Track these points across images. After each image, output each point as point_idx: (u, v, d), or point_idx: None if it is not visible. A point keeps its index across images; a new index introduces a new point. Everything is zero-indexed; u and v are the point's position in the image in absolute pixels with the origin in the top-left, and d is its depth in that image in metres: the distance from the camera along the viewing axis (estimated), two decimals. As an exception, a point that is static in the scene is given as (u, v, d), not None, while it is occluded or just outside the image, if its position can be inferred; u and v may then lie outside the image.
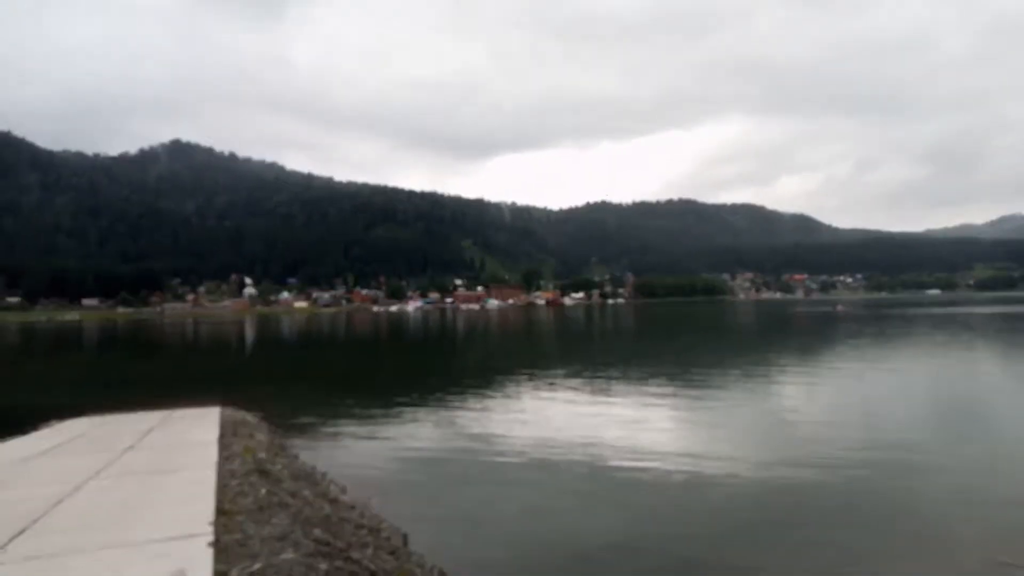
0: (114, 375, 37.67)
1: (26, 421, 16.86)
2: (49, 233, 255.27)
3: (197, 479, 8.83)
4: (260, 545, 5.94)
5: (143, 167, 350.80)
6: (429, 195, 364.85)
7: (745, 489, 10.40)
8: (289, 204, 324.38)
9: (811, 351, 35.40)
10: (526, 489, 10.76)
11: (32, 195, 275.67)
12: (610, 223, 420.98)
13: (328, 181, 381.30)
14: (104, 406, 18.87)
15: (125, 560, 5.48)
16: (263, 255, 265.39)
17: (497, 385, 24.12)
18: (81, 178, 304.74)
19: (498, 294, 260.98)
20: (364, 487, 10.72)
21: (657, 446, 13.27)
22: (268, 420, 16.81)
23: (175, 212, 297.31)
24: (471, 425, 16.25)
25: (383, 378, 30.39)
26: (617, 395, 20.49)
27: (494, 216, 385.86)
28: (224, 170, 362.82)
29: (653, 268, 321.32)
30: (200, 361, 46.84)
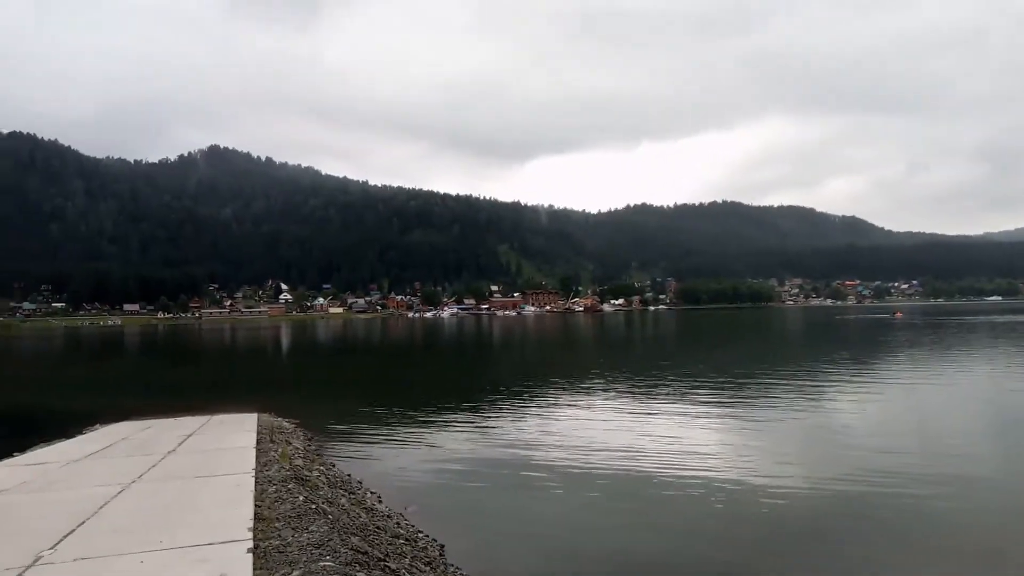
0: (155, 380, 38.57)
1: (72, 424, 17.37)
2: (93, 239, 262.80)
3: (236, 484, 8.97)
4: (298, 552, 6.00)
5: (183, 173, 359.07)
6: (464, 198, 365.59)
7: (793, 506, 10.06)
8: (325, 209, 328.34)
9: (867, 361, 33.62)
10: (564, 502, 10.66)
11: (77, 202, 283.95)
12: (651, 226, 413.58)
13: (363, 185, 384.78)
14: (146, 410, 19.35)
15: (168, 564, 5.58)
16: (299, 260, 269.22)
17: (534, 394, 24.03)
18: (123, 185, 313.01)
19: (535, 300, 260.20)
20: (400, 496, 10.76)
21: (700, 460, 12.95)
22: (304, 427, 17.02)
23: (213, 218, 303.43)
24: (508, 435, 16.19)
25: (418, 386, 30.54)
26: (660, 406, 20.06)
27: (531, 219, 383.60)
28: (261, 175, 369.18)
29: (696, 273, 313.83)
30: (237, 367, 47.70)
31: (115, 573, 5.42)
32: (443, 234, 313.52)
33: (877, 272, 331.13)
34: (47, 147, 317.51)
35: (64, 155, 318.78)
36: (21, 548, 6.19)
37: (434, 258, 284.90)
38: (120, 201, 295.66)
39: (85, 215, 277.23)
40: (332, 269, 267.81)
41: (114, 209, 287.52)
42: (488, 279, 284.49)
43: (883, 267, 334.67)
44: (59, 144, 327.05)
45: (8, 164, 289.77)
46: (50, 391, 31.98)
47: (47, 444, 14.33)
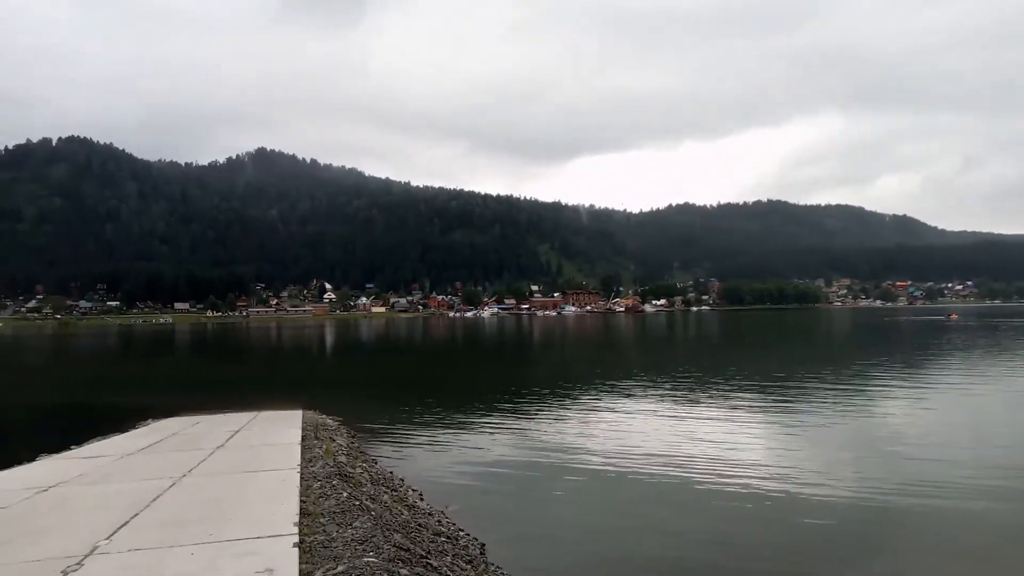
0: (204, 376, 39.65)
1: (126, 419, 17.98)
2: (145, 240, 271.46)
3: (282, 479, 9.16)
4: (343, 547, 6.10)
5: (231, 175, 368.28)
6: (505, 199, 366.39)
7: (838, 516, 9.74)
8: (368, 209, 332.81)
9: (920, 365, 32.49)
10: (604, 505, 10.61)
11: (131, 203, 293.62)
12: (694, 226, 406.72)
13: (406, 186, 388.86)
14: (195, 406, 19.90)
15: (217, 557, 5.73)
16: (343, 260, 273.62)
17: (574, 395, 23.97)
18: (174, 187, 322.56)
19: (575, 300, 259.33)
20: (440, 494, 10.85)
21: (743, 465, 12.71)
22: (347, 424, 17.29)
23: (260, 219, 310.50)
24: (548, 436, 16.18)
25: (458, 385, 30.73)
26: (703, 408, 19.78)
27: (571, 219, 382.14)
28: (306, 177, 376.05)
29: (740, 273, 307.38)
30: (283, 364, 48.69)
31: (167, 564, 5.59)
32: (484, 234, 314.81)
33: (929, 273, 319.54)
34: (102, 151, 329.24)
35: (118, 158, 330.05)
36: (80, 538, 6.44)
37: (475, 258, 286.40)
38: (171, 203, 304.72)
39: (138, 216, 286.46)
40: (375, 269, 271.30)
41: (165, 210, 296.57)
42: (528, 279, 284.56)
43: (936, 267, 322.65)
44: (114, 148, 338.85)
45: (66, 168, 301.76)
46: (105, 387, 33.14)
47: (102, 438, 14.86)
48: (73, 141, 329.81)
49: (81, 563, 5.65)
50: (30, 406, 26.47)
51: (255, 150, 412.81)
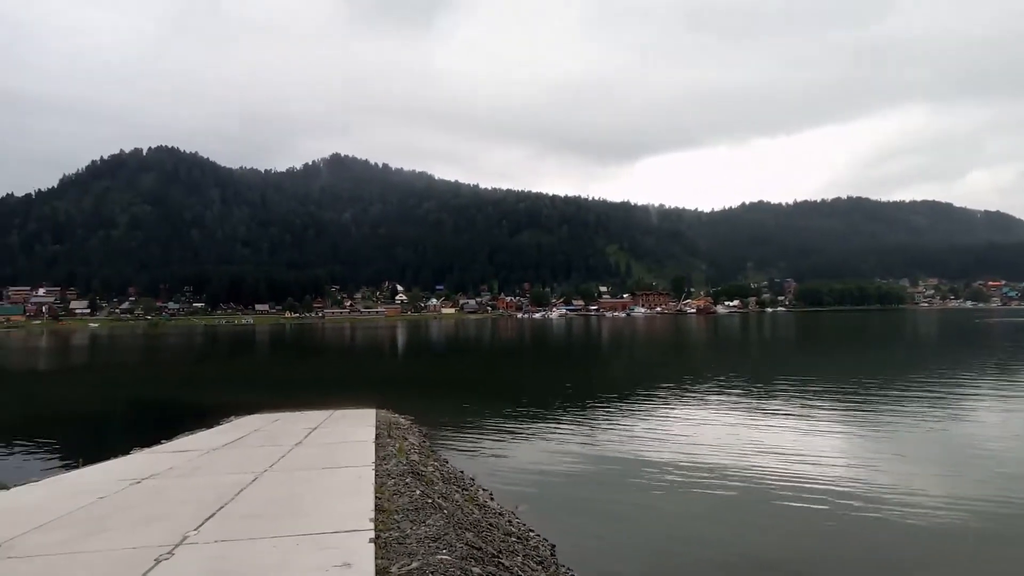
0: (282, 375, 41.18)
1: (211, 415, 18.87)
2: (228, 243, 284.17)
3: (357, 476, 9.40)
4: (417, 544, 6.22)
5: (307, 181, 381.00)
6: (573, 199, 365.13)
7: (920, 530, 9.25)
8: (438, 212, 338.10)
9: (1016, 370, 30.32)
10: (676, 508, 10.44)
11: (214, 209, 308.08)
12: (768, 224, 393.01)
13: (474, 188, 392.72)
14: (275, 404, 20.69)
15: (298, 550, 5.94)
16: (413, 262, 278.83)
17: (645, 398, 23.67)
18: (255, 193, 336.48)
19: (645, 301, 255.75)
20: (510, 494, 10.90)
21: (821, 471, 12.23)
22: (419, 423, 17.61)
23: (335, 222, 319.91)
24: (618, 438, 16.04)
25: (527, 386, 30.80)
26: (778, 413, 19.14)
27: (641, 219, 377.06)
28: (378, 181, 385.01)
29: (817, 273, 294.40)
30: (356, 364, 49.97)
31: (251, 555, 5.83)
32: (552, 235, 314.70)
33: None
34: (188, 159, 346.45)
35: (203, 166, 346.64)
36: (171, 528, 6.79)
37: (543, 259, 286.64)
38: (252, 208, 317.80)
39: (221, 221, 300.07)
40: (444, 270, 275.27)
41: (246, 215, 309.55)
42: (597, 280, 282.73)
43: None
44: (198, 156, 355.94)
45: (155, 176, 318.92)
46: (192, 385, 34.88)
47: (190, 433, 15.63)
48: (162, 150, 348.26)
49: (172, 552, 5.95)
50: (125, 402, 28.09)
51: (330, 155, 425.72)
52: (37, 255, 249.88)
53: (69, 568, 5.67)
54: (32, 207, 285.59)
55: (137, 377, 41.00)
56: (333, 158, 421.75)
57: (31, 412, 25.22)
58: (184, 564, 5.64)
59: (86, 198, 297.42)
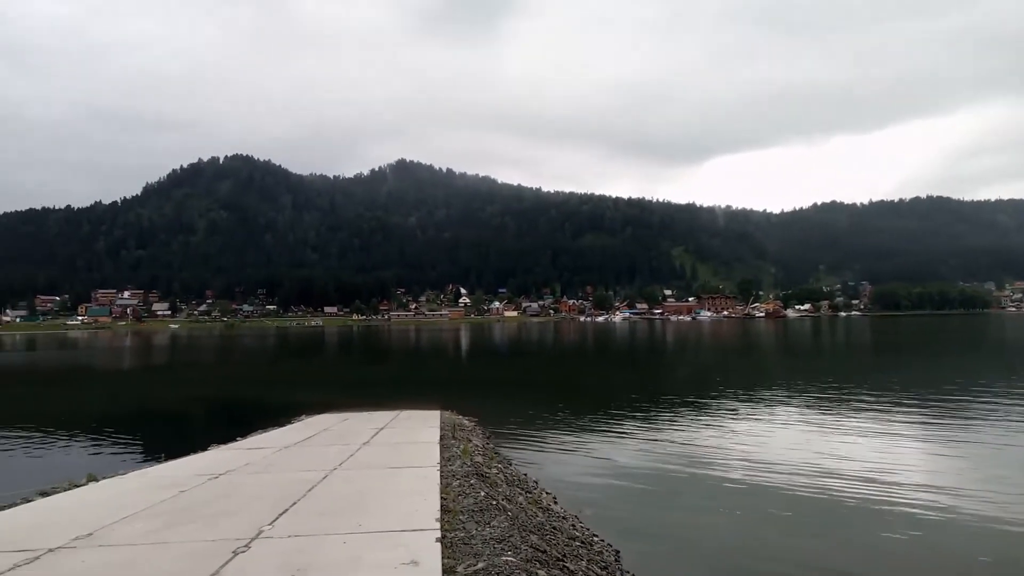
0: (350, 376, 42.23)
1: (283, 414, 19.50)
2: (299, 248, 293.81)
3: (423, 476, 9.55)
4: (482, 545, 6.27)
5: (374, 186, 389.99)
6: (637, 201, 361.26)
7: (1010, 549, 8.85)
8: (501, 216, 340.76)
9: None
10: (744, 517, 10.18)
11: (286, 214, 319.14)
12: (841, 225, 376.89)
13: (537, 192, 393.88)
14: (343, 404, 21.22)
15: (366, 546, 6.08)
16: (477, 265, 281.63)
17: (711, 403, 23.19)
18: (324, 198, 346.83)
19: (711, 305, 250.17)
20: (574, 498, 10.86)
21: (898, 484, 11.65)
22: (482, 424, 17.74)
23: (400, 226, 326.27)
24: (683, 444, 15.76)
25: (590, 389, 30.62)
26: (856, 424, 18.29)
27: (706, 221, 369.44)
28: (442, 185, 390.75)
29: (894, 276, 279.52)
30: (421, 366, 50.74)
31: (323, 550, 6.01)
32: (615, 238, 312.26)
33: None
34: (262, 167, 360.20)
35: (275, 173, 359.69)
36: (247, 522, 7.06)
37: (606, 262, 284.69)
38: (321, 213, 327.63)
39: (292, 226, 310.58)
40: (507, 273, 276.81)
41: (316, 220, 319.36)
42: (661, 283, 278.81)
43: None
44: (271, 164, 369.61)
45: (231, 184, 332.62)
46: (265, 384, 36.17)
47: (264, 431, 16.20)
48: (237, 159, 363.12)
49: (248, 545, 6.19)
50: (203, 400, 29.37)
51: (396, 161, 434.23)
52: (123, 260, 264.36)
53: (153, 558, 5.96)
54: (118, 214, 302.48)
55: (214, 376, 42.80)
56: (399, 163, 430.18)
57: (118, 409, 26.65)
58: (260, 557, 5.86)
59: (167, 205, 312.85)
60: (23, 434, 19.66)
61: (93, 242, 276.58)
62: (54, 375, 45.81)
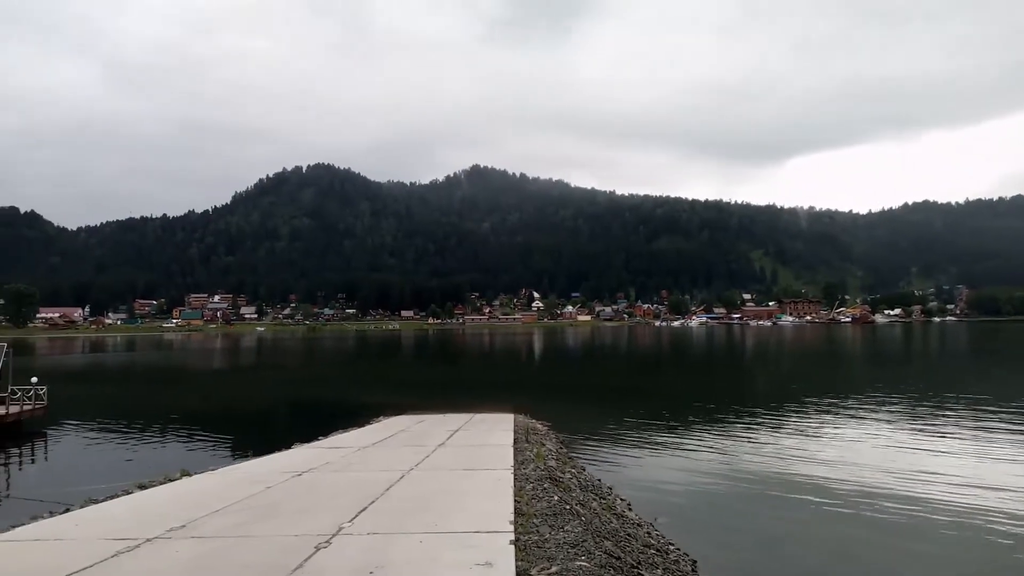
0: (426, 379, 42.98)
1: (362, 415, 20.07)
2: (377, 253, 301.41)
3: (497, 479, 9.63)
4: (555, 549, 6.28)
5: (449, 192, 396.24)
6: (714, 203, 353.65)
7: None
8: (574, 219, 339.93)
9: None
10: (827, 528, 9.79)
11: (365, 221, 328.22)
12: (934, 225, 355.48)
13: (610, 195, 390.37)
14: (419, 406, 21.66)
15: (442, 546, 6.18)
16: (550, 269, 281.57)
17: (793, 412, 22.39)
18: (401, 204, 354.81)
19: (793, 309, 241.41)
20: (649, 505, 10.71)
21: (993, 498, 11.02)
22: (555, 429, 17.73)
23: (474, 231, 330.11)
24: (763, 452, 15.31)
25: (666, 395, 30.11)
26: (946, 433, 17.36)
27: (788, 222, 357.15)
28: (515, 190, 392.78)
29: (994, 279, 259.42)
30: (495, 369, 51.11)
31: (400, 548, 6.15)
32: (691, 241, 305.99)
33: None
34: (342, 175, 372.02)
35: (354, 181, 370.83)
36: (328, 519, 7.30)
37: (681, 265, 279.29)
38: (398, 219, 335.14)
39: (370, 232, 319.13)
40: (580, 277, 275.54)
41: (393, 226, 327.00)
42: (740, 287, 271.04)
43: None
44: (350, 172, 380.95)
45: (313, 191, 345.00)
46: (345, 386, 37.28)
47: (343, 431, 16.72)
48: (319, 167, 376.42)
49: (329, 541, 6.40)
50: (287, 400, 30.56)
51: (470, 167, 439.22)
52: (213, 265, 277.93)
53: (242, 550, 6.25)
54: (209, 222, 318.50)
55: (297, 377, 44.44)
56: (473, 169, 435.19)
57: (210, 407, 28.05)
58: (341, 553, 6.05)
59: (254, 213, 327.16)
60: (125, 430, 20.98)
61: (187, 249, 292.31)
62: (152, 375, 48.64)
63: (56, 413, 22.18)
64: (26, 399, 21.07)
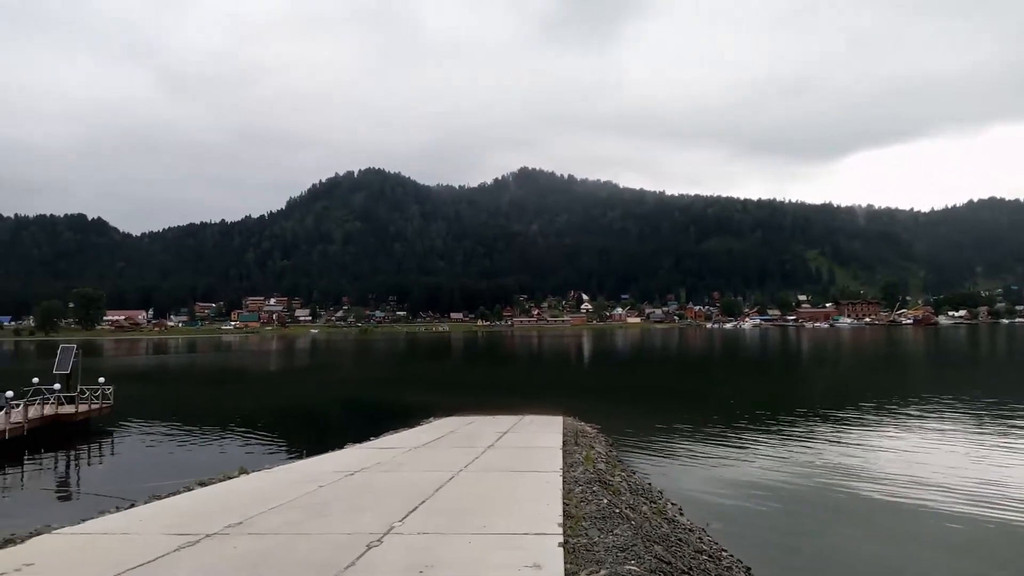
0: (475, 380, 43.22)
1: (412, 416, 20.31)
2: (426, 256, 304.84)
3: (545, 481, 9.62)
4: (604, 553, 6.23)
5: (497, 194, 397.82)
6: (767, 203, 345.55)
7: None
8: (622, 220, 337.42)
9: None
10: (887, 539, 9.46)
11: (415, 224, 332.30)
12: (1001, 223, 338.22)
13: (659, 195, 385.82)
14: (468, 407, 21.79)
15: (490, 547, 6.21)
16: (598, 270, 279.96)
17: (851, 417, 21.74)
18: (449, 208, 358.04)
19: (851, 311, 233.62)
20: (701, 511, 10.53)
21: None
22: (604, 432, 17.60)
23: (522, 234, 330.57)
24: (819, 458, 14.88)
25: (718, 399, 29.57)
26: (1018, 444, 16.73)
27: (845, 221, 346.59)
28: (563, 192, 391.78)
29: None
30: (544, 371, 51.07)
31: (450, 549, 6.20)
32: (743, 241, 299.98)
33: None
34: (393, 179, 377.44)
35: (405, 185, 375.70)
36: (379, 518, 7.41)
37: (733, 266, 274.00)
38: (447, 222, 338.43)
39: (420, 235, 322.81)
40: (629, 279, 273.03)
41: (443, 229, 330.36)
42: (795, 288, 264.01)
43: None
44: (401, 176, 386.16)
45: (364, 196, 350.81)
46: (396, 386, 37.76)
47: (394, 432, 16.95)
48: (370, 172, 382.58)
49: (381, 540, 6.50)
50: (340, 401, 31.16)
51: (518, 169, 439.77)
52: (269, 269, 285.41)
53: (296, 546, 6.40)
54: (265, 227, 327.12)
55: (350, 378, 45.29)
56: (521, 172, 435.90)
57: (266, 407, 28.80)
58: (391, 552, 6.13)
59: (308, 217, 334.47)
60: (186, 429, 21.71)
61: (244, 253, 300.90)
62: (211, 376, 50.22)
63: (121, 412, 23.10)
64: (94, 398, 22.01)
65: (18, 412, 18.71)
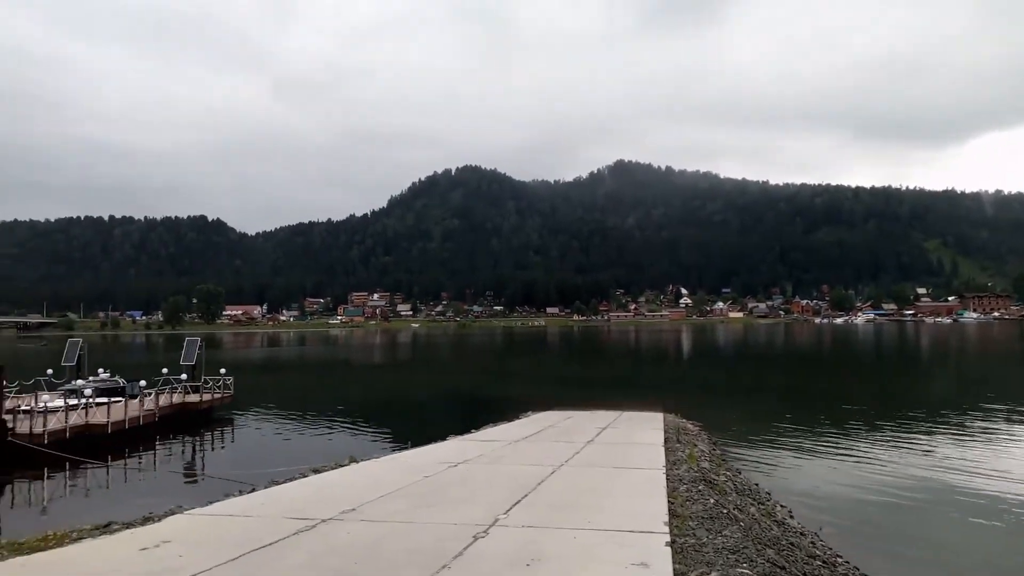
0: (573, 374, 43.14)
1: (511, 409, 20.53)
2: (522, 251, 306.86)
3: (648, 479, 9.49)
4: (714, 554, 6.07)
5: (592, 188, 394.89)
6: (881, 191, 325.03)
7: None
8: (723, 212, 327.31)
9: None
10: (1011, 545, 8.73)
11: (510, 220, 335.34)
12: None
13: (762, 185, 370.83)
14: (567, 401, 21.83)
15: (596, 543, 6.19)
16: (697, 264, 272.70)
17: (976, 419, 20.17)
18: (545, 203, 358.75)
19: (977, 305, 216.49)
20: (812, 514, 10.09)
21: None
22: (707, 430, 17.15)
23: (618, 227, 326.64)
24: (941, 463, 13.92)
25: (828, 398, 28.18)
26: None
27: (970, 209, 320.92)
28: (660, 184, 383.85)
29: None
30: (642, 366, 50.32)
31: (555, 543, 6.23)
32: (855, 231, 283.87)
33: None
34: (489, 176, 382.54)
35: (501, 181, 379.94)
36: (484, 510, 7.55)
37: (844, 258, 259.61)
38: (543, 217, 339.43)
39: (516, 231, 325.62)
40: (730, 272, 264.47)
41: (538, 224, 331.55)
42: (913, 281, 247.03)
43: None
44: (497, 172, 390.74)
45: (462, 193, 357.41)
46: (495, 380, 38.33)
47: (494, 425, 17.18)
48: (467, 169, 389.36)
49: (487, 531, 6.61)
50: (442, 393, 31.95)
51: (614, 163, 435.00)
52: (372, 266, 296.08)
53: (408, 534, 6.62)
54: (368, 225, 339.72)
55: (450, 371, 46.34)
56: (617, 165, 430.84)
57: (373, 399, 29.97)
58: (498, 543, 6.23)
59: (408, 215, 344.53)
60: (299, 417, 22.90)
61: (349, 250, 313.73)
62: (321, 368, 52.70)
63: (240, 401, 24.65)
64: (216, 388, 23.62)
65: (150, 400, 20.36)
